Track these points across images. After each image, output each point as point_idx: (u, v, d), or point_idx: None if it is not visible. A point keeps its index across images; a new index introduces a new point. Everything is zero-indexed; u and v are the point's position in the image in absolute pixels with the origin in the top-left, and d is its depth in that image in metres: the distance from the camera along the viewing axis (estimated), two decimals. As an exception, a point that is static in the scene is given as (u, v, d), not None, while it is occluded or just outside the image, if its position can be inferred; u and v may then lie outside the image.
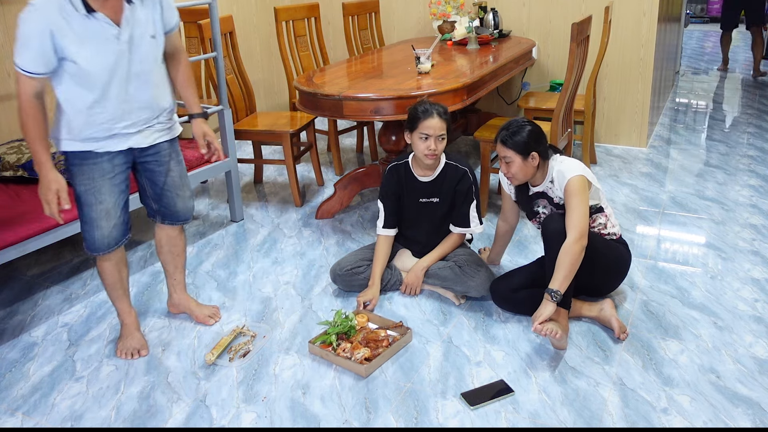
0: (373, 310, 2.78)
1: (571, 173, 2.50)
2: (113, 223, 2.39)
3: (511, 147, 2.54)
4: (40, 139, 2.16)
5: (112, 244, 2.41)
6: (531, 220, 2.75)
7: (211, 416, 2.22)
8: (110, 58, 2.17)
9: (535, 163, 2.56)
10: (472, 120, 4.68)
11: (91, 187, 2.31)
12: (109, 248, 2.41)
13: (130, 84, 2.26)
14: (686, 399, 2.21)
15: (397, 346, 2.52)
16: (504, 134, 2.57)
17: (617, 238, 2.70)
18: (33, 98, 2.13)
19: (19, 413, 2.27)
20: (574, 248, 2.40)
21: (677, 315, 2.69)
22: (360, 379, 2.36)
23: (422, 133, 2.75)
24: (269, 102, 5.70)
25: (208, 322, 2.74)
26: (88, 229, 2.37)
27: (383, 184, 2.99)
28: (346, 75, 3.70)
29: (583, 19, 3.41)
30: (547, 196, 2.64)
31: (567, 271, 2.40)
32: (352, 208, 3.88)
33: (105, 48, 2.15)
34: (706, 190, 3.99)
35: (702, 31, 10.93)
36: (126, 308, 2.57)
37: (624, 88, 4.73)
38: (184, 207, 2.59)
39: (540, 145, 2.56)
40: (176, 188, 2.54)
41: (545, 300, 2.41)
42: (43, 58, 2.08)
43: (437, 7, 4.83)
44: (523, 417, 2.16)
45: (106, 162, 2.32)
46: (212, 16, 3.45)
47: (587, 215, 2.47)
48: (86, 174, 2.30)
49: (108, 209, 2.36)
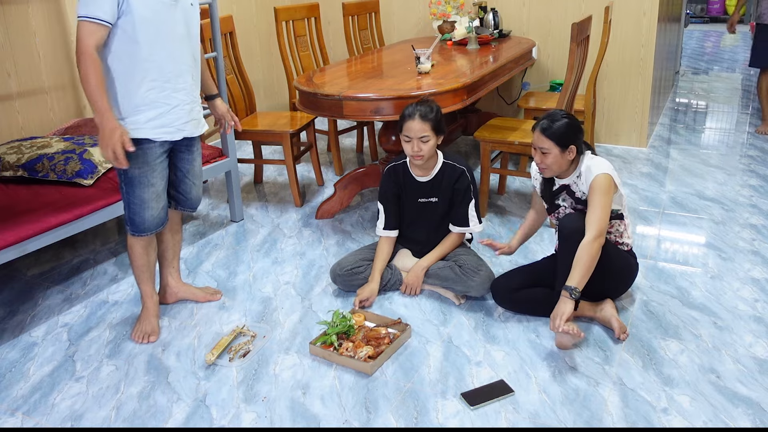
0: (371, 307, 2.78)
1: (599, 170, 2.49)
2: (162, 205, 2.57)
3: (550, 137, 2.50)
4: (102, 87, 2.25)
5: (159, 225, 2.58)
6: (550, 214, 2.72)
7: (211, 416, 2.22)
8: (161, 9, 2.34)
9: (572, 156, 2.53)
10: (472, 120, 4.68)
11: (145, 170, 2.46)
12: (157, 228, 2.58)
13: (176, 45, 2.41)
14: (686, 399, 2.21)
15: (399, 342, 2.53)
16: (545, 123, 2.53)
17: (628, 250, 2.69)
18: (94, 50, 2.23)
19: (19, 413, 2.27)
20: (593, 245, 2.39)
21: (677, 315, 2.69)
22: (360, 380, 2.36)
23: (404, 135, 2.78)
24: (269, 102, 5.70)
25: (215, 298, 2.91)
26: (139, 211, 2.51)
27: (382, 186, 2.99)
28: (346, 75, 3.70)
29: (583, 19, 3.41)
30: (570, 190, 2.61)
31: (585, 268, 2.38)
32: (352, 208, 3.88)
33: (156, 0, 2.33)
34: (706, 190, 3.99)
35: (702, 31, 10.93)
36: (150, 291, 2.69)
37: (624, 88, 4.73)
38: (197, 195, 2.77)
39: (578, 139, 2.54)
40: (195, 177, 2.71)
41: (564, 298, 2.37)
42: (110, 6, 2.24)
43: (437, 7, 4.83)
44: (523, 417, 2.16)
45: (158, 147, 2.47)
46: (212, 16, 3.45)
47: (608, 215, 2.45)
48: (141, 158, 2.43)
49: (158, 192, 2.53)
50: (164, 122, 2.45)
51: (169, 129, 2.48)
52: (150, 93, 2.39)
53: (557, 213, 2.67)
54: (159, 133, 2.45)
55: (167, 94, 2.43)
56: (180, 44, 2.44)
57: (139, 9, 2.28)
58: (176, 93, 2.46)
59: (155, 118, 2.42)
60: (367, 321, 2.70)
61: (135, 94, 2.37)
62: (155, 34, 2.34)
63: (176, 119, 2.48)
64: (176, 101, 2.47)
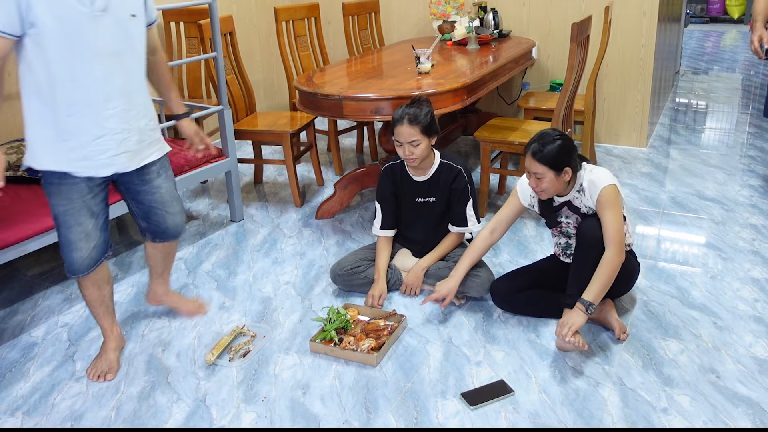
0: (383, 305, 2.80)
1: (603, 183, 2.43)
2: (93, 245, 2.27)
3: (542, 162, 2.40)
4: None
5: (91, 265, 2.29)
6: (552, 228, 2.68)
7: (211, 416, 2.22)
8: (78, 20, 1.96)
9: (567, 177, 2.45)
10: (472, 120, 4.68)
11: (69, 208, 2.18)
12: (89, 269, 2.30)
13: (102, 64, 2.04)
14: (686, 399, 2.21)
15: (398, 333, 2.57)
16: (535, 147, 2.42)
17: (629, 251, 2.68)
18: None
19: (19, 413, 2.27)
20: (615, 262, 2.37)
21: (677, 315, 2.69)
22: (360, 380, 2.36)
23: (395, 140, 2.78)
24: (269, 102, 5.70)
25: (199, 311, 2.76)
26: (67, 252, 2.25)
27: (380, 186, 2.99)
28: (346, 75, 3.70)
29: (583, 19, 3.41)
30: (572, 206, 2.56)
31: (604, 284, 2.37)
32: (352, 208, 3.88)
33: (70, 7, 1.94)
34: (706, 190, 3.99)
35: (702, 31, 10.93)
36: (108, 325, 2.47)
37: (624, 88, 4.73)
38: (175, 224, 2.47)
39: (572, 159, 2.45)
40: (166, 205, 2.39)
41: (578, 311, 2.36)
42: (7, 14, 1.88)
43: (437, 7, 4.83)
44: (523, 417, 2.16)
45: (84, 183, 2.16)
46: (212, 16, 3.44)
47: (623, 226, 2.44)
48: (64, 194, 2.16)
49: (88, 231, 2.23)
50: (86, 154, 2.10)
51: (93, 163, 2.12)
52: (69, 119, 2.04)
53: (559, 227, 2.64)
54: (80, 167, 2.11)
55: (90, 121, 2.08)
56: (109, 62, 2.05)
57: (45, 18, 1.91)
58: (102, 120, 2.09)
59: (75, 149, 2.09)
60: (360, 315, 2.72)
61: (52, 120, 2.05)
62: (70, 49, 1.97)
63: (102, 151, 2.12)
64: (101, 130, 2.10)
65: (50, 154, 2.09)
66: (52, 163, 2.10)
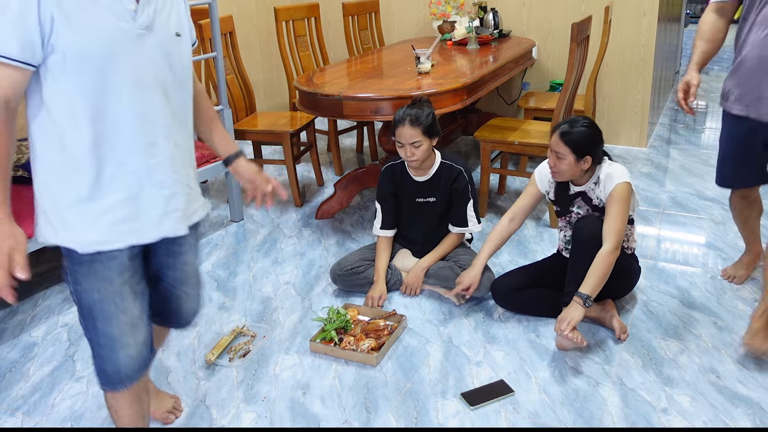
0: (382, 306, 2.79)
1: (620, 178, 2.45)
2: (142, 339, 1.68)
3: (567, 143, 2.44)
4: (3, 169, 1.51)
5: (143, 367, 1.71)
6: (560, 217, 2.69)
7: (211, 416, 2.22)
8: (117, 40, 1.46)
9: (586, 166, 2.48)
10: (472, 120, 4.68)
11: (108, 294, 1.60)
12: (141, 372, 1.70)
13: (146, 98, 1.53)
14: (686, 399, 2.21)
15: (398, 333, 2.57)
16: (564, 128, 2.46)
17: (631, 253, 2.69)
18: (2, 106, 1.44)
19: (19, 413, 2.27)
20: (611, 256, 2.38)
21: (677, 315, 2.69)
22: (360, 380, 2.36)
23: (397, 140, 2.78)
24: (269, 102, 5.70)
25: (167, 420, 2.17)
26: (110, 354, 1.64)
27: (380, 186, 3.00)
28: (346, 75, 3.70)
29: (583, 19, 3.41)
30: (586, 197, 2.58)
31: (600, 278, 2.38)
32: (352, 208, 3.88)
33: (108, 23, 1.44)
34: (706, 190, 3.99)
35: (702, 31, 10.93)
36: None
37: (624, 88, 4.73)
38: (192, 309, 1.91)
39: (596, 150, 2.48)
40: (188, 286, 1.85)
41: (576, 304, 2.37)
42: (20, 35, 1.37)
43: (437, 7, 4.83)
44: (523, 417, 2.16)
45: (125, 255, 1.60)
46: (212, 16, 3.45)
47: (625, 226, 2.45)
48: (99, 275, 1.59)
49: (134, 320, 1.65)
50: (127, 215, 1.56)
51: (136, 225, 1.58)
52: (104, 171, 1.52)
53: (569, 217, 2.65)
54: (119, 235, 1.57)
55: (131, 172, 1.55)
56: (153, 95, 1.54)
57: (75, 38, 1.40)
58: (146, 172, 1.56)
59: (112, 210, 1.55)
60: (360, 315, 2.72)
61: (80, 176, 1.52)
62: (103, 80, 1.46)
63: (147, 210, 1.59)
64: (146, 183, 1.57)
65: (79, 221, 1.57)
66: (83, 233, 1.57)
